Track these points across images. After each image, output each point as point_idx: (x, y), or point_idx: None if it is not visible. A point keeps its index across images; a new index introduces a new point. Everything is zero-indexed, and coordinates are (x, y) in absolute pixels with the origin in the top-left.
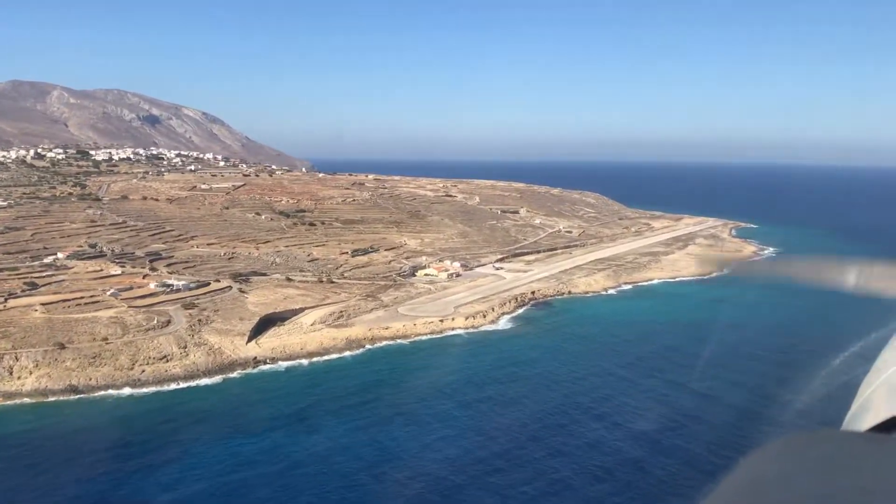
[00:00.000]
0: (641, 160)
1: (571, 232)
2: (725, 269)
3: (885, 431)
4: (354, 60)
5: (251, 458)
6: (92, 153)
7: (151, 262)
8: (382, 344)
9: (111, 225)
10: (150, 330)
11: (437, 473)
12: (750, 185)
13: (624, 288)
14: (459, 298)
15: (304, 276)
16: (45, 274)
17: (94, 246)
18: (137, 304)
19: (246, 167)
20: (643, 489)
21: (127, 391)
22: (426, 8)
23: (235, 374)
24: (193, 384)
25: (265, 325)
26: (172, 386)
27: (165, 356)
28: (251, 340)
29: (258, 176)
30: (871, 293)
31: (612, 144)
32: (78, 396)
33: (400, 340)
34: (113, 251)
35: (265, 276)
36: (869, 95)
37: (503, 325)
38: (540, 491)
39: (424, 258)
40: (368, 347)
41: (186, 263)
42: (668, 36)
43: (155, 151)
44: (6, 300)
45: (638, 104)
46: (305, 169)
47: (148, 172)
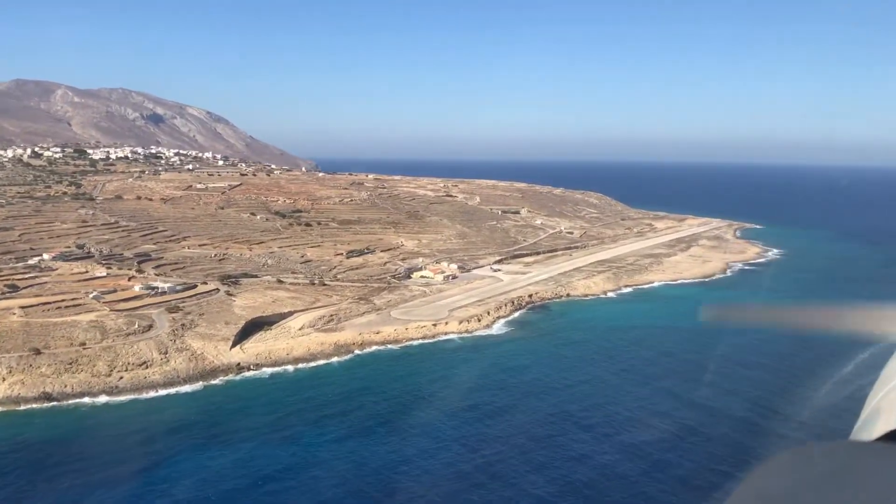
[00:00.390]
0: (646, 160)
1: (573, 233)
2: (728, 271)
3: (894, 441)
4: (360, 60)
5: (220, 471)
6: (89, 152)
7: (139, 263)
8: (372, 349)
9: (103, 225)
10: (130, 335)
11: (412, 490)
12: (756, 185)
13: (624, 291)
14: (454, 301)
15: (295, 278)
16: (27, 276)
17: (81, 247)
18: (120, 307)
19: (245, 166)
20: None
21: (103, 399)
22: (430, 7)
23: (217, 381)
24: (173, 392)
25: (252, 329)
26: (151, 394)
27: (145, 362)
28: (236, 345)
29: (255, 175)
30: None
31: (616, 144)
32: (51, 404)
33: (390, 345)
34: (101, 252)
35: (256, 277)
36: (876, 95)
37: (498, 329)
38: None
39: (421, 260)
40: (357, 353)
41: (176, 265)
42: (672, 34)
43: (154, 150)
44: None
45: (644, 104)
46: (305, 169)
47: (144, 172)
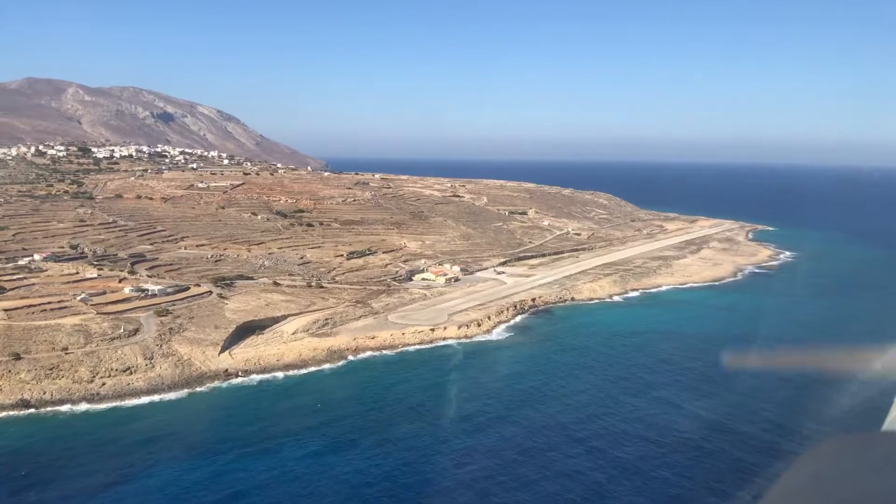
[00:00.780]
0: (659, 160)
1: (580, 234)
2: (739, 274)
3: None
4: (373, 59)
5: (191, 486)
6: (94, 150)
7: (133, 264)
8: (366, 355)
9: (100, 225)
10: (115, 339)
11: None
12: (770, 186)
13: (630, 295)
14: (455, 305)
15: (292, 280)
16: (15, 277)
17: (75, 247)
18: (107, 310)
19: (250, 165)
20: None
21: (83, 406)
22: (447, 7)
23: (203, 387)
24: (157, 399)
25: (243, 333)
26: (133, 401)
27: (129, 368)
28: (224, 351)
29: (259, 175)
30: None
31: (630, 144)
32: (28, 412)
33: (386, 351)
34: (95, 252)
35: (251, 280)
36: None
37: (498, 334)
38: None
39: (423, 261)
40: (350, 359)
41: (170, 266)
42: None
43: (159, 149)
44: None
45: (661, 104)
46: (311, 168)
47: (147, 170)
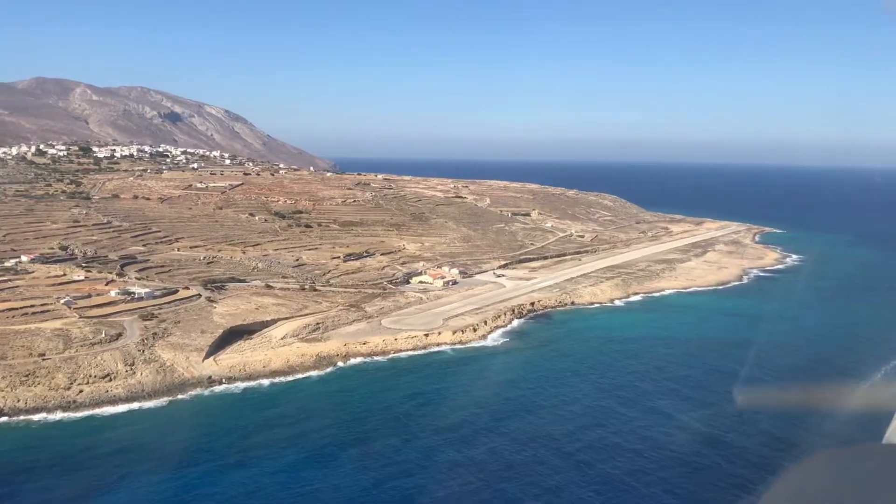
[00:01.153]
0: (665, 161)
1: (584, 236)
2: (745, 278)
3: None
4: (380, 60)
5: (154, 502)
6: (94, 150)
7: (123, 266)
8: (356, 361)
9: (94, 225)
10: (96, 344)
11: None
12: (777, 187)
13: (633, 299)
14: (451, 309)
15: (286, 282)
16: (0, 279)
17: (65, 248)
18: (91, 313)
19: (252, 165)
20: None
21: (59, 415)
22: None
23: (185, 395)
24: (135, 407)
25: (230, 338)
26: (110, 409)
27: (108, 374)
28: (209, 357)
29: (259, 175)
30: None
31: (637, 145)
32: (0, 420)
33: (377, 357)
34: (85, 254)
35: (243, 282)
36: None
37: (493, 340)
38: None
39: (422, 264)
40: (340, 365)
41: (161, 268)
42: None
43: (161, 148)
44: None
45: (667, 104)
46: (319, 168)
47: (146, 170)
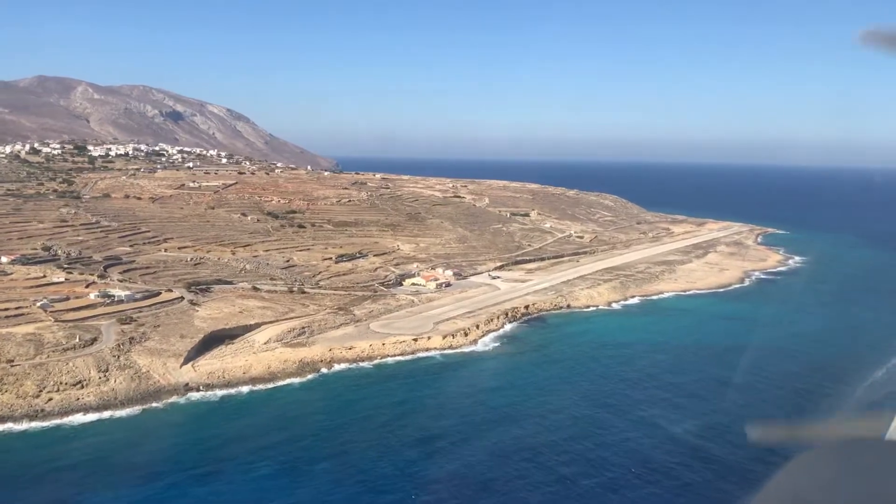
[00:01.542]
0: (668, 161)
1: (583, 237)
2: (746, 280)
3: None
4: (383, 59)
5: None
6: (89, 149)
7: (106, 268)
8: (341, 367)
9: (81, 225)
10: (68, 349)
11: None
12: (780, 187)
13: (630, 302)
14: (443, 312)
15: (273, 284)
16: None
17: (48, 249)
18: (67, 317)
19: (249, 164)
20: None
21: (24, 425)
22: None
23: (159, 403)
24: (106, 416)
25: (211, 343)
26: (80, 418)
27: (80, 381)
28: (188, 363)
29: (254, 174)
30: None
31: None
32: None
33: (363, 363)
34: (68, 255)
35: (230, 284)
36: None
37: (484, 344)
38: None
39: (416, 265)
40: (323, 372)
41: (147, 269)
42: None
43: (157, 147)
44: None
45: (665, 104)
46: (321, 167)
47: (140, 169)
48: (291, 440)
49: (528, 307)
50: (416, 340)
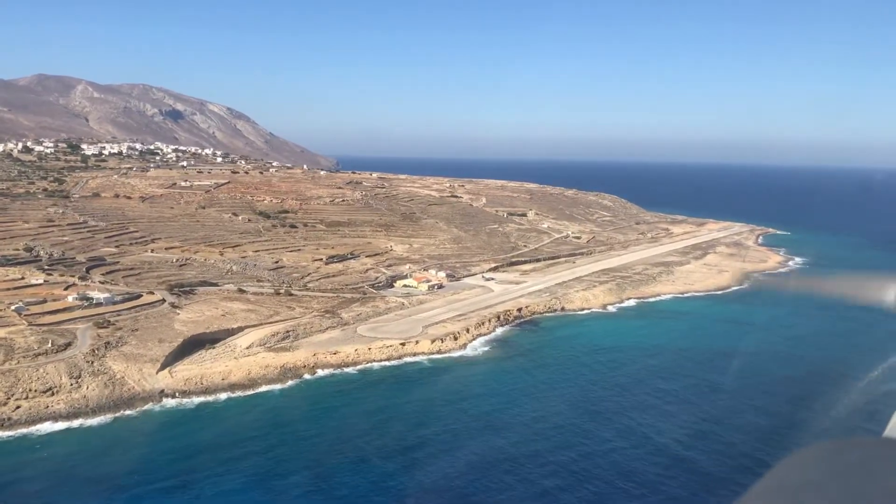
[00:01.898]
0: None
1: (580, 238)
2: (745, 282)
3: None
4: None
5: None
6: (83, 147)
7: (88, 269)
8: (324, 373)
9: (68, 225)
10: (40, 355)
11: None
12: (781, 187)
13: (626, 304)
14: (433, 315)
15: (260, 286)
16: None
17: (30, 250)
18: (43, 321)
19: (245, 163)
20: None
21: None
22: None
23: (133, 411)
24: (76, 425)
25: (192, 347)
26: (48, 427)
27: (51, 388)
28: (165, 368)
29: (247, 173)
30: None
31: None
32: None
33: (347, 368)
34: (51, 256)
35: (215, 286)
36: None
37: (473, 349)
38: None
39: (408, 266)
40: (306, 378)
41: (131, 271)
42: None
43: (152, 146)
44: None
45: (670, 104)
46: (306, 166)
47: (132, 168)
48: (265, 450)
49: (520, 310)
50: (403, 345)
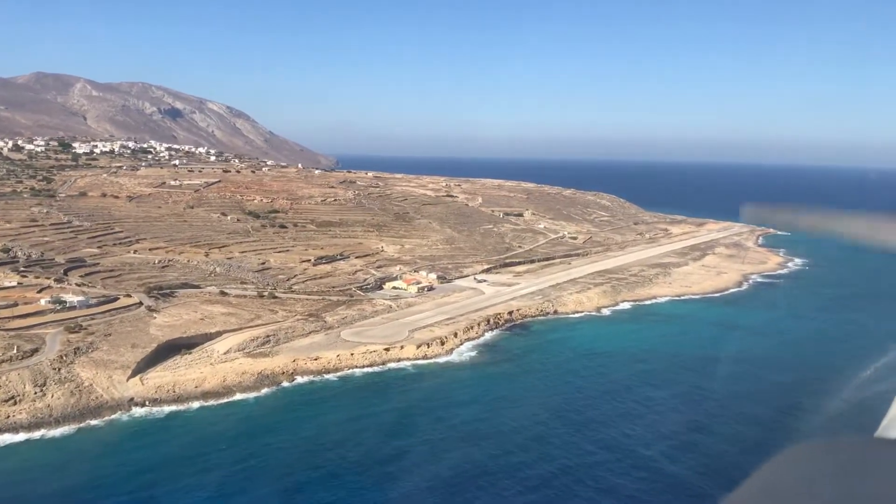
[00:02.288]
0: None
1: (576, 238)
2: (744, 284)
3: None
4: (387, 59)
5: None
6: (74, 146)
7: (66, 271)
8: (304, 380)
9: (51, 225)
10: (4, 361)
11: None
12: (781, 187)
13: (621, 307)
14: (421, 319)
15: (244, 289)
16: None
17: (8, 251)
18: (11, 325)
19: (238, 162)
20: None
21: None
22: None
23: (99, 421)
24: (37, 436)
25: (166, 353)
26: (7, 438)
27: (13, 397)
28: (136, 375)
29: (239, 172)
30: None
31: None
32: None
33: (328, 375)
34: (29, 257)
35: (197, 288)
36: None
37: (460, 354)
38: None
39: (399, 268)
40: (284, 385)
41: (110, 273)
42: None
43: (144, 145)
44: None
45: (670, 103)
46: (301, 164)
47: (122, 167)
48: (234, 462)
49: (511, 313)
50: (387, 350)
